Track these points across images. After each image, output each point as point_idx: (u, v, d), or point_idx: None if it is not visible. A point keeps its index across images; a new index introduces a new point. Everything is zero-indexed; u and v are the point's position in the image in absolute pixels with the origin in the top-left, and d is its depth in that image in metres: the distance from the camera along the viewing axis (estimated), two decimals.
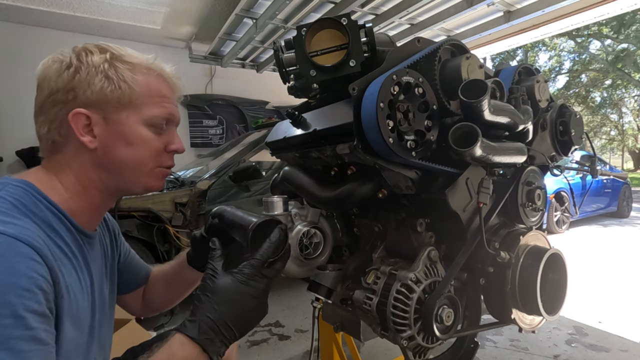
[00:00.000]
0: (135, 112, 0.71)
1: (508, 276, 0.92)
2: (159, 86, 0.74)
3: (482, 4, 3.27)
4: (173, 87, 0.77)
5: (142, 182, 0.75)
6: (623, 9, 3.53)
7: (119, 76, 0.69)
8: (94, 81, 0.67)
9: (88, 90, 0.67)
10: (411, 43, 0.88)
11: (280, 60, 0.93)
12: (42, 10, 4.05)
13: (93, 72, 0.67)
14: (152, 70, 0.73)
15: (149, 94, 0.72)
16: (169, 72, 0.77)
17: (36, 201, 0.64)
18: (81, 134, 0.68)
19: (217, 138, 5.81)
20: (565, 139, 1.12)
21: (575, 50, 19.23)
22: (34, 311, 0.52)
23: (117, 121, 0.69)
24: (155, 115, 0.72)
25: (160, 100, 0.74)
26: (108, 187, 0.73)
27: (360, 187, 0.89)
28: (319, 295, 0.96)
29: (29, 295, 0.52)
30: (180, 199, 2.79)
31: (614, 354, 2.26)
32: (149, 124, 0.72)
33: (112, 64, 0.69)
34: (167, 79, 0.76)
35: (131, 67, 0.71)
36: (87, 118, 0.68)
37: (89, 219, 0.74)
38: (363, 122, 0.74)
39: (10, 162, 4.37)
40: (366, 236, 1.06)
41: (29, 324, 0.51)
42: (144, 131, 0.72)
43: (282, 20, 3.73)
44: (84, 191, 0.71)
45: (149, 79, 0.72)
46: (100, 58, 0.69)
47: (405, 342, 0.82)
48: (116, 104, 0.69)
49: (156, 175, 0.76)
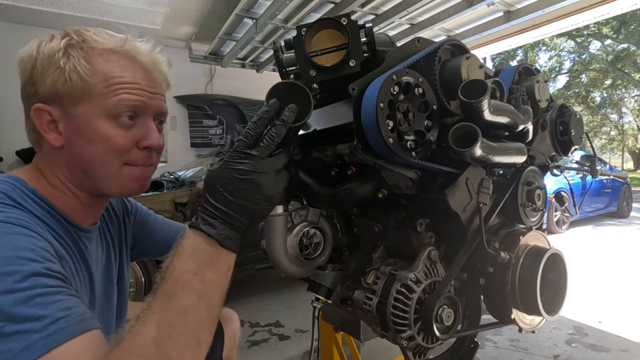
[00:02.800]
0: (94, 105, 0.62)
1: (508, 276, 0.92)
2: (123, 71, 0.64)
3: (482, 4, 3.27)
4: (150, 72, 0.67)
5: (112, 185, 0.67)
6: (623, 9, 3.53)
7: (71, 66, 0.61)
8: (47, 73, 0.61)
9: (43, 84, 0.62)
10: (411, 43, 0.88)
11: (280, 60, 0.93)
12: (42, 10, 4.05)
13: (47, 63, 0.62)
14: (116, 54, 0.64)
15: (106, 83, 0.63)
16: (146, 54, 0.67)
17: (25, 196, 0.61)
18: (45, 131, 0.63)
19: (217, 138, 5.81)
20: (565, 139, 1.12)
21: (575, 50, 19.24)
22: (44, 274, 0.50)
23: (75, 116, 0.63)
24: (114, 105, 0.63)
25: (123, 87, 0.63)
26: (85, 187, 0.68)
27: (360, 187, 0.89)
28: (319, 295, 0.96)
29: (34, 263, 0.49)
30: (180, 199, 2.79)
31: (614, 354, 2.25)
32: (111, 117, 0.63)
33: (67, 52, 0.62)
34: (141, 63, 0.66)
35: (88, 53, 0.62)
36: (50, 114, 0.63)
37: (83, 215, 0.70)
38: (363, 122, 0.74)
39: (10, 162, 4.37)
40: (366, 236, 1.06)
41: (46, 282, 0.49)
42: (104, 126, 0.63)
43: (282, 20, 3.73)
44: (67, 190, 0.67)
45: (110, 65, 0.63)
46: (56, 46, 0.62)
47: (405, 342, 0.82)
48: (70, 98, 0.62)
49: (126, 177, 0.67)
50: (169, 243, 0.99)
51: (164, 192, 2.89)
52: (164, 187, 3.08)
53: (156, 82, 0.69)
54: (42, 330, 0.45)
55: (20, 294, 0.46)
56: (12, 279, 0.47)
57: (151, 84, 0.68)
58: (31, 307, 0.46)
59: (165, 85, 0.73)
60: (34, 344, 0.45)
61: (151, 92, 0.68)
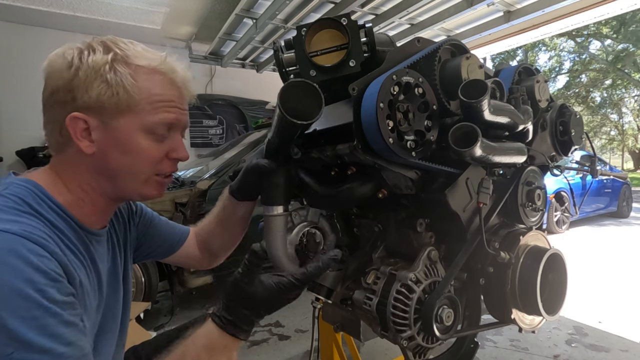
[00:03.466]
0: (135, 119, 0.67)
1: (508, 276, 0.92)
2: (163, 90, 0.69)
3: (482, 4, 3.28)
4: (182, 90, 0.72)
5: (137, 191, 0.72)
6: (623, 9, 3.53)
7: (118, 81, 0.64)
8: (92, 85, 0.64)
9: (86, 94, 0.64)
10: (411, 43, 0.88)
11: (280, 60, 0.93)
12: (42, 10, 4.05)
13: (92, 75, 0.64)
14: (159, 73, 0.69)
15: (149, 100, 0.67)
16: (180, 73, 0.72)
17: (40, 201, 0.63)
18: (78, 138, 0.65)
19: (217, 138, 5.82)
20: (565, 139, 1.12)
21: (575, 50, 19.24)
22: (55, 301, 0.53)
23: (115, 128, 0.66)
24: (155, 122, 0.68)
25: (163, 105, 0.69)
26: (107, 192, 0.71)
27: (360, 187, 0.89)
28: (319, 295, 0.96)
29: (47, 288, 0.52)
30: (180, 199, 2.79)
31: (614, 354, 2.26)
32: (149, 132, 0.68)
33: (113, 66, 0.65)
34: (175, 82, 0.71)
35: (134, 70, 0.66)
36: (85, 122, 0.65)
37: (96, 220, 0.73)
38: (363, 122, 0.74)
39: (10, 162, 4.37)
40: (366, 236, 1.06)
41: (56, 311, 0.53)
42: (142, 139, 0.68)
43: (282, 20, 3.73)
44: (86, 195, 0.70)
45: (153, 83, 0.68)
46: (102, 59, 0.65)
47: (405, 342, 0.82)
48: (114, 111, 0.65)
49: (153, 185, 0.73)
50: (172, 246, 1.00)
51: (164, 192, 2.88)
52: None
53: (185, 99, 0.74)
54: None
55: (34, 322, 0.50)
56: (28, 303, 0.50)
57: (182, 102, 0.73)
58: (42, 337, 0.50)
59: (190, 100, 0.78)
60: None
61: (182, 108, 0.73)
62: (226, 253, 1.06)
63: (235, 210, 0.96)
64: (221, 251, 1.05)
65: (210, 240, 1.03)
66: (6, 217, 0.56)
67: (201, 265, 1.06)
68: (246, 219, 0.99)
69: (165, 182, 0.75)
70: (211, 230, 1.02)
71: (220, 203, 0.99)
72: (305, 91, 0.68)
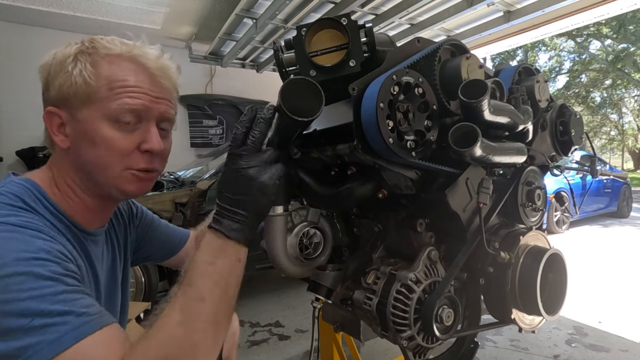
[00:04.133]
0: (97, 108, 0.64)
1: (508, 276, 0.92)
2: (126, 75, 0.65)
3: (482, 4, 3.28)
4: (156, 77, 0.68)
5: (114, 186, 0.68)
6: (623, 9, 3.53)
7: (77, 71, 0.63)
8: (57, 78, 0.65)
9: (52, 88, 0.65)
10: (411, 43, 0.88)
11: (280, 60, 0.93)
12: (42, 10, 4.05)
13: (58, 68, 0.65)
14: (125, 60, 0.66)
15: (109, 86, 0.64)
16: (153, 60, 0.68)
17: (37, 200, 0.63)
18: (54, 133, 0.66)
19: (217, 138, 5.81)
20: (565, 139, 1.12)
21: (575, 50, 19.24)
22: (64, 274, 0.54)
23: (80, 119, 0.65)
24: (116, 109, 0.64)
25: (125, 91, 0.64)
26: (89, 189, 0.69)
27: (360, 187, 0.89)
28: (319, 295, 0.96)
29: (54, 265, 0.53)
30: (180, 199, 2.79)
31: (614, 354, 2.26)
32: (113, 120, 0.64)
33: (76, 57, 0.64)
34: (146, 68, 0.67)
35: (94, 59, 0.64)
36: (59, 117, 0.65)
37: (89, 219, 0.72)
38: (363, 122, 0.74)
39: (10, 162, 4.36)
40: (366, 236, 1.06)
41: (66, 281, 0.53)
42: (105, 129, 0.64)
43: (282, 20, 3.73)
44: (72, 193, 0.69)
45: (115, 70, 0.65)
46: (67, 52, 0.65)
47: (405, 342, 0.82)
48: (76, 101, 0.64)
49: (130, 179, 0.68)
50: (172, 249, 1.00)
51: (164, 192, 2.89)
52: (164, 187, 3.08)
53: (162, 87, 0.69)
54: (69, 323, 0.49)
55: (45, 290, 0.50)
56: (34, 278, 0.50)
57: (156, 89, 0.68)
58: (56, 304, 0.50)
59: (174, 91, 0.73)
60: (64, 335, 0.48)
61: (155, 96, 0.68)
62: None
63: None
64: None
65: None
66: (3, 212, 0.57)
67: None
68: None
69: (145, 177, 0.70)
70: None
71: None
72: (306, 89, 0.67)
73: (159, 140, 0.70)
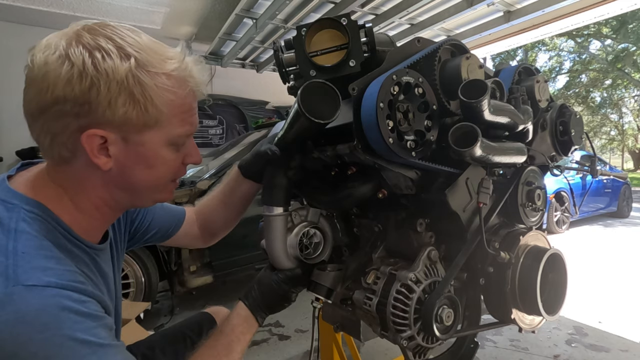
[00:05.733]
0: (160, 133, 0.62)
1: (508, 276, 0.92)
2: (185, 99, 0.63)
3: (482, 4, 3.28)
4: (198, 92, 0.68)
5: (154, 198, 0.72)
6: (623, 9, 3.53)
7: (146, 96, 0.58)
8: (116, 102, 0.56)
9: (108, 110, 0.56)
10: (411, 43, 0.88)
11: (280, 60, 0.93)
12: (42, 10, 4.06)
13: (115, 89, 0.56)
14: (180, 81, 0.63)
15: (174, 113, 0.62)
16: (197, 76, 0.66)
17: (53, 229, 0.59)
18: (95, 155, 0.59)
19: (217, 138, 5.81)
20: (565, 139, 1.12)
21: (575, 50, 19.24)
22: (105, 337, 0.56)
23: (138, 143, 0.61)
24: (180, 134, 0.65)
25: (186, 116, 0.65)
26: (120, 204, 0.68)
27: (360, 187, 0.89)
28: (319, 295, 0.96)
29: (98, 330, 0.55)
30: (180, 199, 2.79)
31: (614, 354, 2.26)
32: (172, 143, 0.65)
33: (137, 78, 0.57)
34: (194, 86, 0.66)
35: (158, 81, 0.59)
36: (103, 138, 0.58)
37: (98, 234, 0.71)
38: (363, 122, 0.74)
39: (10, 162, 4.37)
40: (366, 236, 1.06)
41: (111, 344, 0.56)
42: (165, 152, 0.64)
43: (282, 20, 3.73)
44: (96, 210, 0.66)
45: (177, 94, 0.62)
46: (122, 68, 0.56)
47: (405, 342, 0.82)
48: (141, 127, 0.60)
49: (169, 189, 0.72)
50: (169, 229, 1.01)
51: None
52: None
53: (200, 99, 0.70)
54: None
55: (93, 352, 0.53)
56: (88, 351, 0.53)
57: (196, 104, 0.69)
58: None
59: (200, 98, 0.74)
60: None
61: (196, 112, 0.69)
62: (224, 232, 1.08)
63: (239, 186, 0.98)
64: (220, 230, 1.07)
65: (211, 218, 1.05)
66: (39, 265, 0.53)
67: (198, 243, 1.07)
68: (248, 199, 1.01)
69: (177, 184, 0.75)
70: (213, 207, 1.04)
71: (226, 177, 1.01)
72: (324, 92, 0.70)
73: (199, 153, 0.73)
